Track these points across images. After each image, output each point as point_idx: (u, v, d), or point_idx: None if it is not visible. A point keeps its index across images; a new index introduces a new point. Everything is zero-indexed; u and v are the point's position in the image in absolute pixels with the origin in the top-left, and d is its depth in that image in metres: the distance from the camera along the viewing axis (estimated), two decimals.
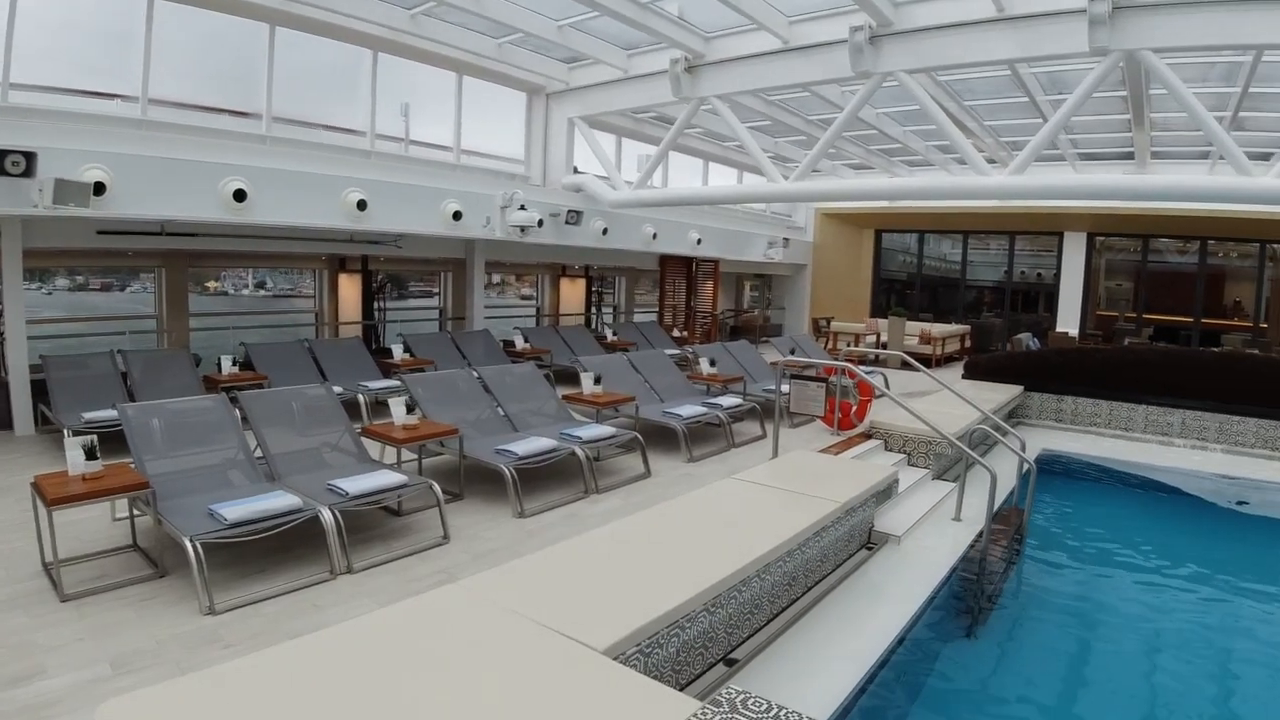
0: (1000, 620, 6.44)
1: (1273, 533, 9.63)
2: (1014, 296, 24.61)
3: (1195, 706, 5.46)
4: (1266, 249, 21.87)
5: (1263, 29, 8.12)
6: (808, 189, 13.12)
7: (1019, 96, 12.89)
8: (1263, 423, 11.93)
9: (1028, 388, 13.20)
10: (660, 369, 11.34)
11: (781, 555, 5.03)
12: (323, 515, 5.44)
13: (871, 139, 17.25)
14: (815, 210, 24.42)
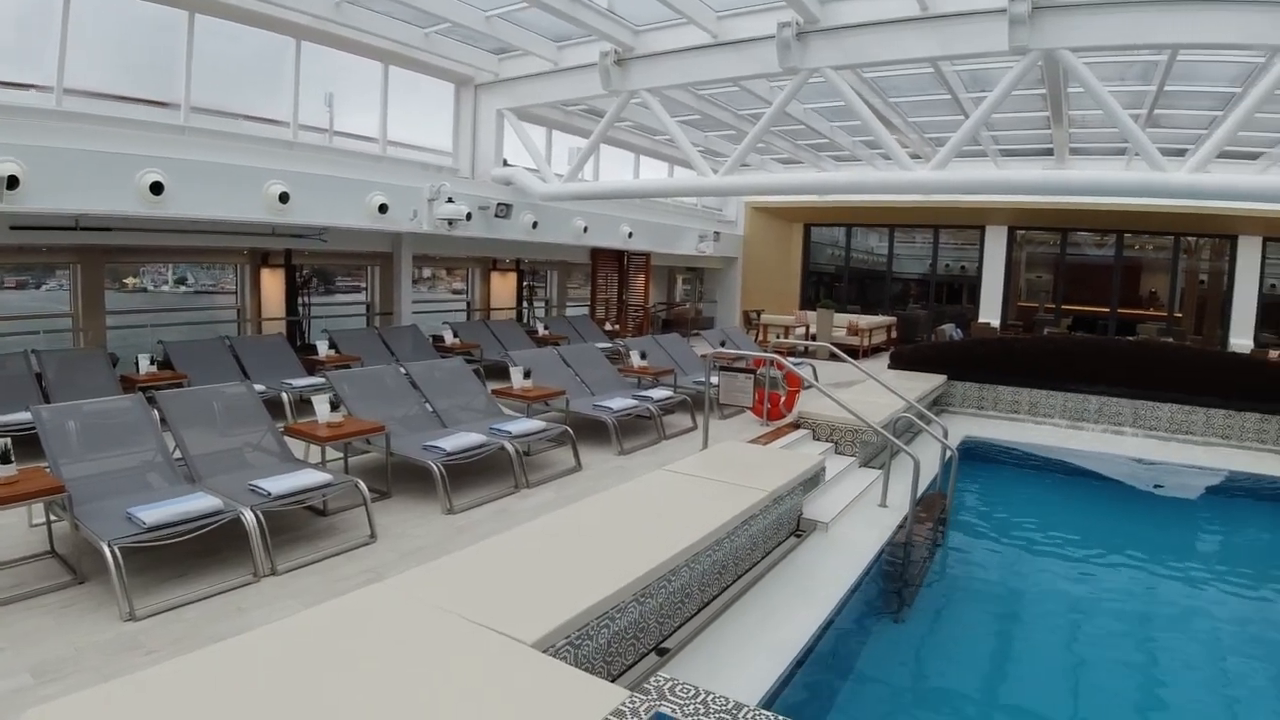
0: (926, 602, 6.61)
1: (1185, 512, 10.10)
2: (939, 289, 25.15)
3: (1118, 681, 5.68)
4: (1180, 242, 22.72)
5: (1177, 29, 8.44)
6: (737, 183, 13.21)
7: (942, 94, 13.16)
8: (1176, 408, 12.51)
9: (951, 377, 13.57)
10: (591, 362, 11.33)
11: (710, 544, 5.08)
12: (244, 517, 5.31)
13: (800, 134, 17.42)
14: (745, 204, 24.60)
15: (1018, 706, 5.29)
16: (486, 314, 17.61)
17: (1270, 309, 21.68)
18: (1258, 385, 12.41)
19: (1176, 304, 23.27)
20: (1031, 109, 14.33)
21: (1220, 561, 8.76)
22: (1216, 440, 12.32)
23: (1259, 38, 8.28)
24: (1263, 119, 13.66)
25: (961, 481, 9.67)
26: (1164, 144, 14.71)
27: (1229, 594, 7.53)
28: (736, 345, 14.15)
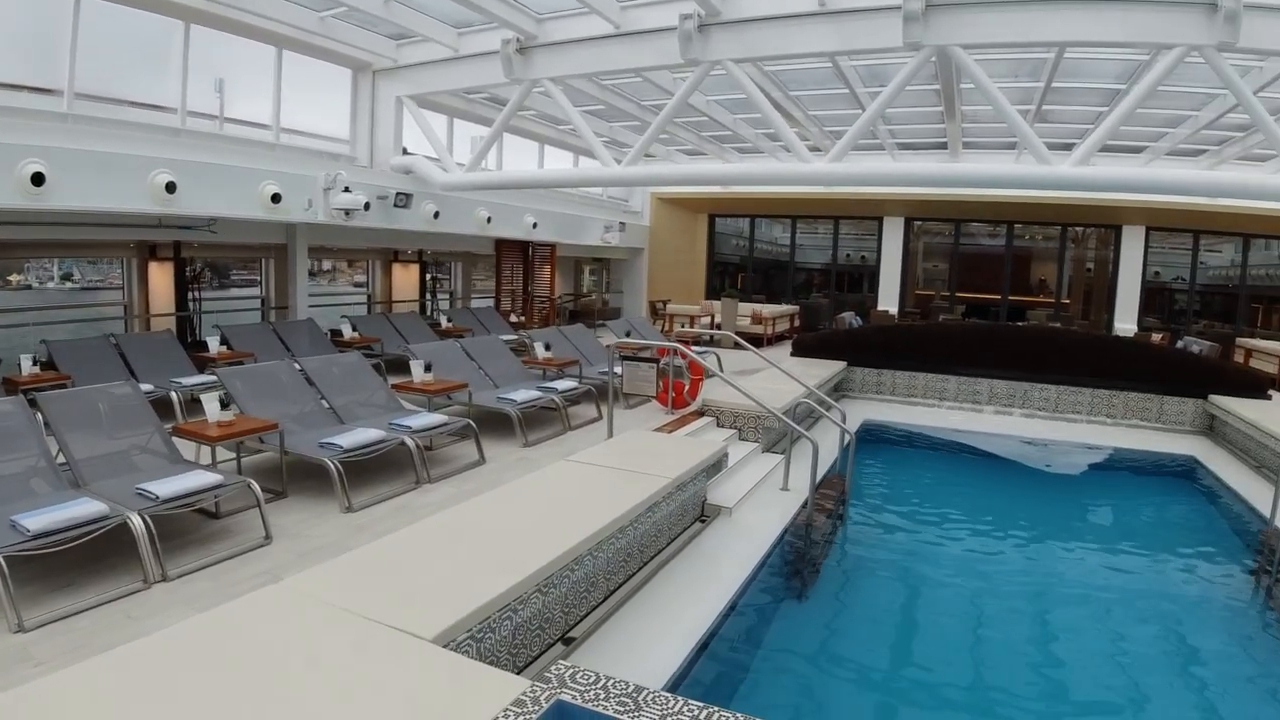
0: (828, 581, 6.79)
1: (1073, 488, 10.58)
2: (840, 278, 25.75)
3: (1015, 649, 5.93)
4: (1068, 232, 23.79)
5: (1065, 28, 8.79)
6: (641, 173, 13.27)
7: (840, 88, 13.45)
8: (1062, 389, 13.15)
9: (850, 363, 13.90)
10: (495, 354, 11.23)
11: (614, 532, 5.10)
12: (132, 521, 5.11)
13: (704, 126, 17.57)
14: (651, 195, 24.72)
15: (920, 677, 5.48)
16: (388, 307, 17.29)
17: (1152, 294, 22.95)
18: (1140, 366, 13.16)
19: (1065, 291, 24.39)
20: (927, 104, 14.73)
21: (1108, 533, 9.25)
22: (1101, 419, 12.99)
23: (1144, 36, 8.68)
24: (1146, 114, 14.40)
25: (861, 463, 9.93)
26: (1052, 138, 15.29)
27: (1117, 564, 7.99)
28: (642, 335, 14.24)
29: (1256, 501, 8.77)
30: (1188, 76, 11.42)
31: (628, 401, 10.67)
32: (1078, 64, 12.10)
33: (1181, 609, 6.91)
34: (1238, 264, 22.66)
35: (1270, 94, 11.84)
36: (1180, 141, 15.93)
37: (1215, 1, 8.03)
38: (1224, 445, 11.63)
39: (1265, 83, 11.06)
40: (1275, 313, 22.58)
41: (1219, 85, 11.10)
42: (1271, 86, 11.37)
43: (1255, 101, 8.91)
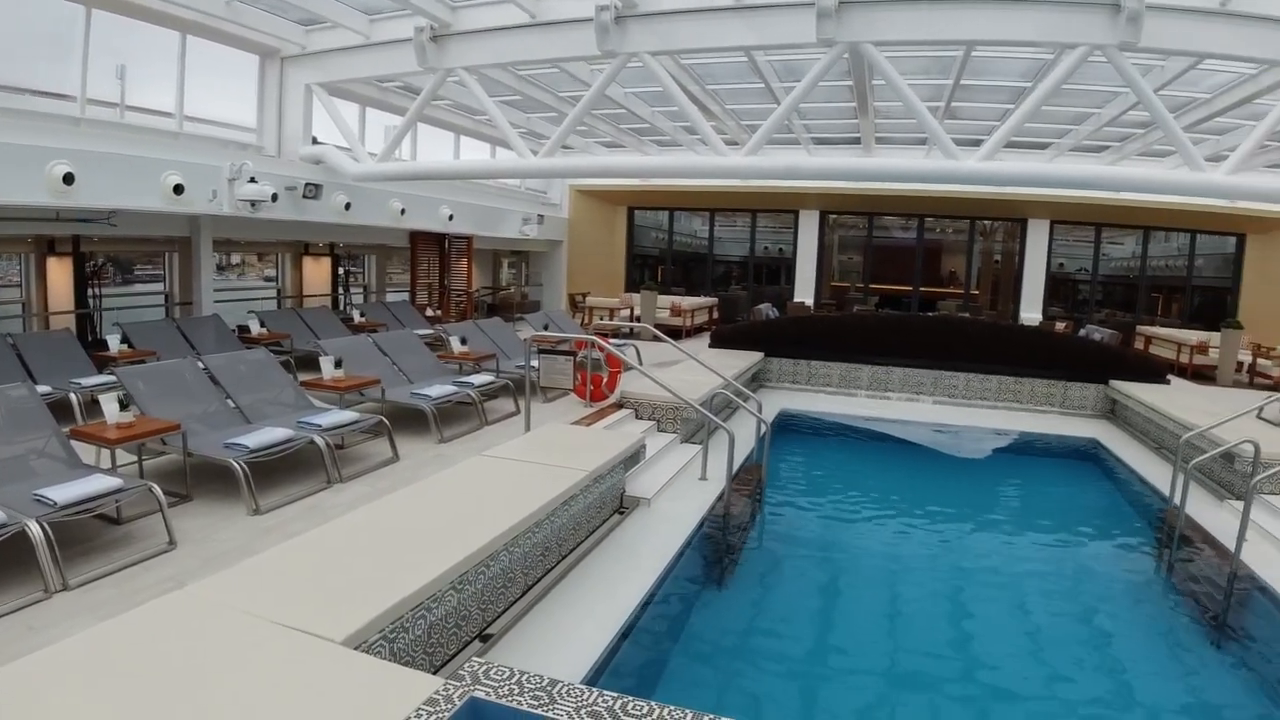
0: (747, 567, 6.87)
1: (982, 472, 10.97)
2: (758, 270, 26.08)
3: (932, 629, 6.08)
4: (976, 225, 24.54)
5: (973, 27, 9.06)
6: (558, 165, 13.19)
7: (756, 82, 13.57)
8: (971, 376, 13.61)
9: (767, 354, 14.10)
10: (409, 349, 11.03)
11: (530, 527, 5.06)
12: (30, 529, 4.87)
13: (622, 118, 17.56)
14: (570, 187, 24.61)
15: (841, 658, 5.56)
16: (299, 301, 16.86)
17: (1057, 285, 23.94)
18: (1044, 354, 13.72)
19: (974, 282, 25.23)
20: (841, 100, 14.99)
21: (1017, 514, 9.63)
22: (1008, 405, 13.46)
23: (1050, 35, 9.00)
24: (1051, 111, 14.91)
25: (778, 452, 10.06)
26: (961, 134, 15.77)
27: (1027, 543, 8.30)
28: (560, 328, 14.16)
29: (1156, 481, 9.27)
30: (1091, 75, 11.86)
31: (546, 395, 10.62)
32: (986, 62, 12.46)
33: (1088, 585, 7.19)
34: (1138, 255, 23.74)
35: (1170, 92, 12.39)
36: (1084, 138, 16.54)
37: (1118, 2, 8.34)
38: (1125, 428, 12.19)
39: (1165, 81, 11.57)
40: (1174, 302, 23.72)
41: (1121, 84, 11.53)
42: (1171, 85, 11.90)
43: (1155, 99, 9.29)
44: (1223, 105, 12.69)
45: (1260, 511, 7.67)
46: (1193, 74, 11.69)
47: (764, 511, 8.19)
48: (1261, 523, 7.53)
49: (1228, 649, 5.89)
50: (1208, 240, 23.10)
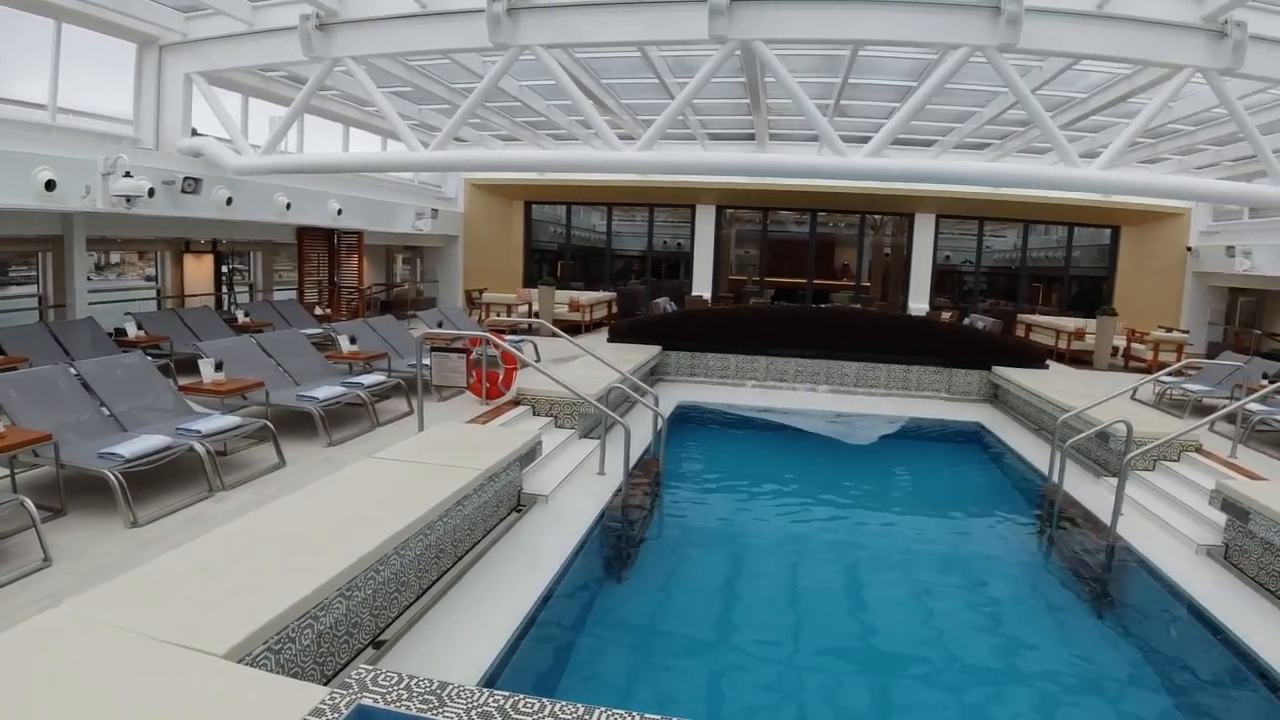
0: (648, 561, 6.89)
1: (874, 457, 11.32)
2: (656, 264, 26.23)
3: (832, 611, 6.24)
4: (867, 219, 25.25)
5: (860, 27, 9.22)
6: (451, 158, 12.90)
7: (651, 78, 13.59)
8: (862, 366, 14.11)
9: (666, 347, 14.21)
10: (295, 350, 10.65)
11: (421, 529, 4.95)
12: None
13: (517, 111, 17.34)
14: (465, 181, 24.21)
15: (745, 642, 5.63)
16: (180, 302, 16.13)
17: (943, 276, 24.89)
18: (931, 343, 14.32)
19: (865, 274, 25.99)
20: (736, 96, 15.15)
21: (908, 496, 10.04)
22: (896, 392, 13.98)
23: (933, 36, 9.23)
24: (936, 110, 15.40)
25: (676, 444, 10.17)
26: (850, 131, 16.11)
27: (918, 523, 8.71)
28: (455, 325, 13.96)
29: (1037, 461, 9.79)
30: (973, 75, 12.29)
31: (440, 394, 10.42)
32: (873, 62, 12.80)
33: (977, 561, 7.59)
34: (1019, 248, 24.92)
35: (1048, 92, 12.93)
36: (967, 135, 17.15)
37: (998, 5, 8.62)
38: (1007, 411, 12.85)
39: (1043, 81, 12.07)
40: (1054, 291, 25.05)
41: (1002, 84, 11.95)
42: (1050, 85, 12.42)
43: (1032, 99, 9.67)
44: (1098, 104, 13.32)
45: (1133, 487, 8.28)
46: (1070, 74, 12.23)
47: (663, 503, 8.25)
48: (1135, 497, 8.13)
49: (1107, 617, 6.30)
50: (1084, 232, 24.38)
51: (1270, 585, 6.14)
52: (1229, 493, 6.73)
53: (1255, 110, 12.81)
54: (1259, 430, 10.67)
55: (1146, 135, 16.42)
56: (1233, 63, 8.91)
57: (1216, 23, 8.87)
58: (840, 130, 15.17)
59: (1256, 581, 6.29)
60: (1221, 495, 6.81)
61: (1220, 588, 6.32)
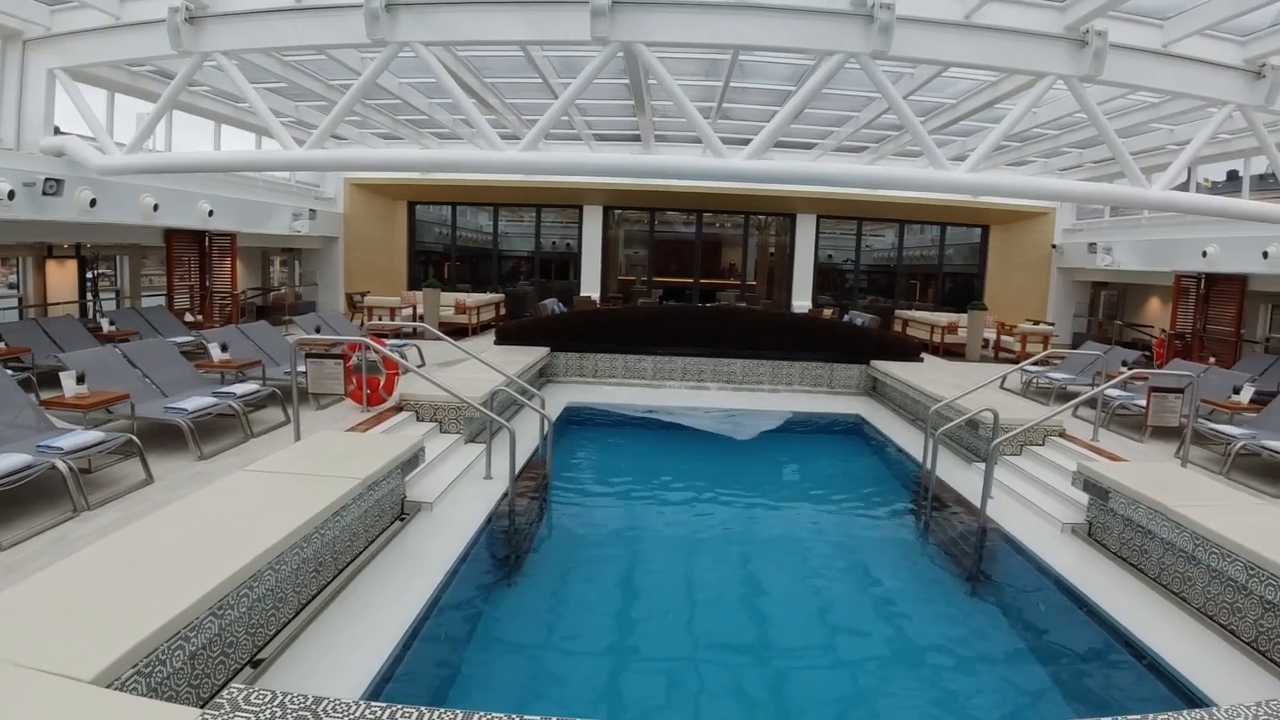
0: (537, 563, 6.85)
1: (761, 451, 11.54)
2: (545, 265, 26.12)
3: (725, 603, 6.34)
4: (750, 220, 25.74)
5: (738, 32, 9.40)
6: (327, 157, 12.51)
7: (535, 77, 13.52)
8: (748, 362, 14.48)
9: (554, 348, 14.22)
10: (163, 360, 10.12)
11: (296, 542, 4.80)
12: None
13: (398, 109, 17.02)
14: (345, 180, 23.55)
15: (639, 639, 5.67)
16: (43, 310, 15.23)
17: (825, 274, 25.68)
18: (813, 339, 14.87)
19: (751, 273, 26.52)
20: (621, 97, 15.22)
21: (795, 487, 10.29)
22: (781, 387, 14.39)
23: (809, 43, 9.52)
24: (814, 114, 15.83)
25: (566, 445, 10.20)
26: (733, 134, 16.40)
27: (805, 513, 8.97)
28: (334, 330, 13.59)
29: (912, 449, 10.31)
30: (850, 81, 12.68)
31: (319, 402, 10.13)
32: (755, 66, 13.10)
33: (861, 546, 7.90)
34: (896, 247, 25.82)
35: (919, 97, 13.46)
36: (844, 139, 17.69)
37: (871, 14, 8.91)
38: (885, 403, 13.47)
39: (915, 87, 12.53)
40: (929, 287, 26.21)
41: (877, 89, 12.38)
42: (921, 91, 12.94)
43: (903, 104, 10.04)
44: (967, 109, 13.93)
45: (1002, 471, 8.89)
46: (940, 81, 12.76)
47: (552, 506, 8.23)
48: (1005, 480, 8.70)
49: (981, 593, 6.66)
50: (956, 231, 25.55)
51: (1131, 559, 6.61)
52: (1090, 474, 7.22)
53: (1114, 115, 13.66)
54: (1118, 414, 11.40)
55: (1013, 139, 17.28)
56: (1093, 70, 9.47)
57: (1078, 32, 9.41)
58: (723, 133, 15.51)
59: (1119, 556, 6.77)
60: (1083, 476, 7.31)
61: (1084, 563, 6.78)
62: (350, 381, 9.25)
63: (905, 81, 12.58)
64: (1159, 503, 6.20)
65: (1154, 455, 9.75)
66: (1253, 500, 6.76)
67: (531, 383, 11.79)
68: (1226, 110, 10.48)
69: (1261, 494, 8.24)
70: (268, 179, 20.31)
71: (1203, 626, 5.57)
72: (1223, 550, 5.45)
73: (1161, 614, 5.81)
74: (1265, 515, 6.12)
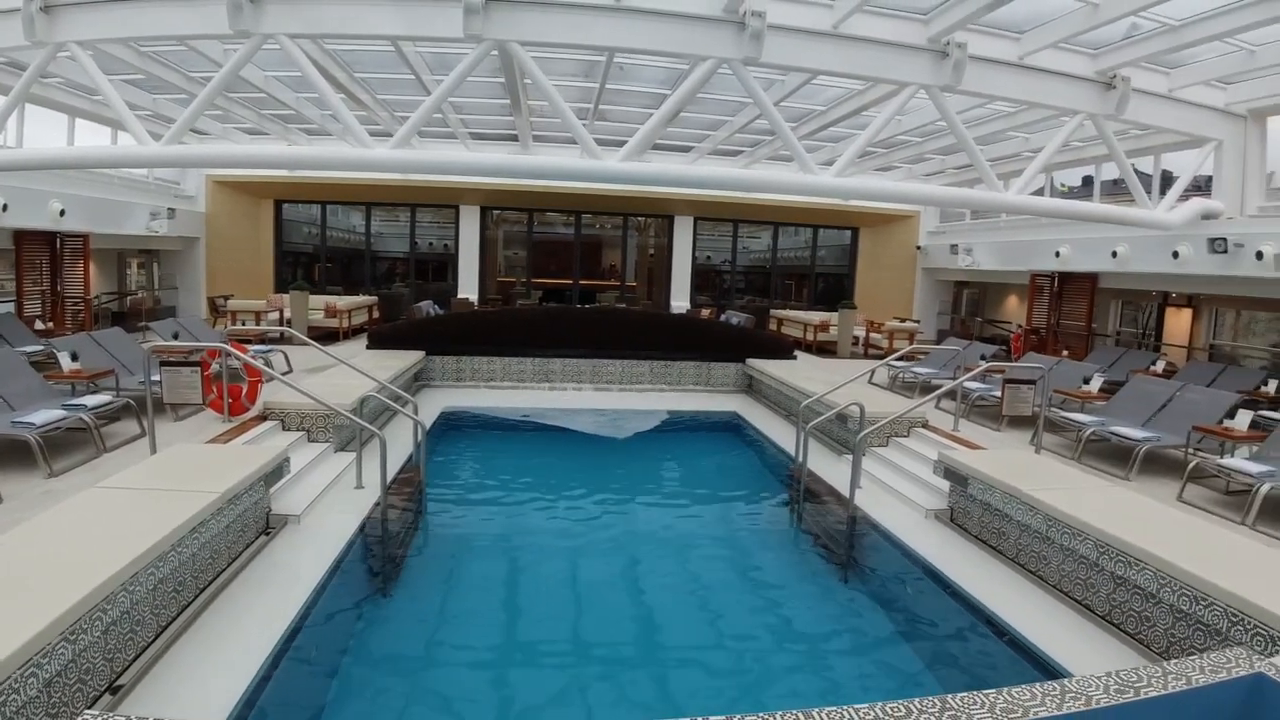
0: (413, 573, 6.67)
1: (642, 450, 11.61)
2: (421, 266, 25.63)
3: (610, 603, 6.35)
4: (630, 221, 25.88)
5: (613, 34, 9.46)
6: (186, 153, 11.93)
7: (408, 73, 13.24)
8: (627, 363, 14.56)
9: (429, 352, 13.97)
10: (9, 370, 9.36)
11: (151, 562, 4.55)
12: None
13: (264, 103, 16.39)
14: (207, 177, 22.42)
15: (521, 646, 5.59)
16: None
17: (704, 275, 26.22)
18: (690, 338, 15.11)
19: (631, 274, 26.70)
20: (499, 96, 15.08)
21: (676, 485, 10.41)
22: (660, 386, 14.57)
23: (682, 47, 9.65)
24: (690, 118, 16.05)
25: (443, 451, 10.03)
26: (611, 135, 16.43)
27: (686, 510, 9.11)
28: (194, 336, 12.94)
29: (786, 445, 10.51)
30: (725, 86, 12.90)
31: (177, 414, 9.60)
32: (631, 69, 13.19)
33: (739, 539, 8.13)
34: (771, 248, 26.46)
35: (791, 104, 13.84)
36: (720, 142, 18.03)
37: (743, 21, 9.08)
38: (760, 400, 13.83)
39: (786, 94, 12.85)
40: (803, 287, 27.05)
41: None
42: (792, 97, 13.30)
43: (773, 109, 10.28)
44: (836, 116, 14.39)
45: (870, 462, 9.29)
46: (810, 88, 13.15)
47: (427, 514, 8.04)
48: (873, 471, 9.07)
49: (853, 580, 6.91)
50: (828, 233, 26.45)
51: (990, 541, 6.98)
52: (950, 462, 7.61)
53: (974, 124, 14.34)
54: (978, 405, 11.98)
55: (880, 145, 17.95)
56: (953, 80, 9.91)
57: (940, 44, 9.84)
58: (601, 134, 15.55)
59: (979, 539, 7.13)
60: (944, 464, 7.71)
61: (947, 547, 7.13)
62: (210, 390, 8.80)
63: (777, 88, 12.90)
64: (1014, 487, 6.57)
65: (1010, 443, 10.29)
66: (1102, 482, 7.25)
67: (406, 388, 11.53)
68: (1078, 119, 11.13)
69: (1110, 476, 8.84)
70: (124, 176, 19.19)
71: (1059, 603, 5.93)
72: (1074, 530, 5.82)
73: (1020, 592, 6.16)
74: (1113, 496, 6.58)
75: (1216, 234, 12.91)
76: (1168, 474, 9.01)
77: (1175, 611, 4.92)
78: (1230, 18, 9.46)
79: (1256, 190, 13.15)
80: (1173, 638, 4.95)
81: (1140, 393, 11.03)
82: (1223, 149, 12.81)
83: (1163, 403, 10.40)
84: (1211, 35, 9.91)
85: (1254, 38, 10.49)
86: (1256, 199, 13.15)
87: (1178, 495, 8.17)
